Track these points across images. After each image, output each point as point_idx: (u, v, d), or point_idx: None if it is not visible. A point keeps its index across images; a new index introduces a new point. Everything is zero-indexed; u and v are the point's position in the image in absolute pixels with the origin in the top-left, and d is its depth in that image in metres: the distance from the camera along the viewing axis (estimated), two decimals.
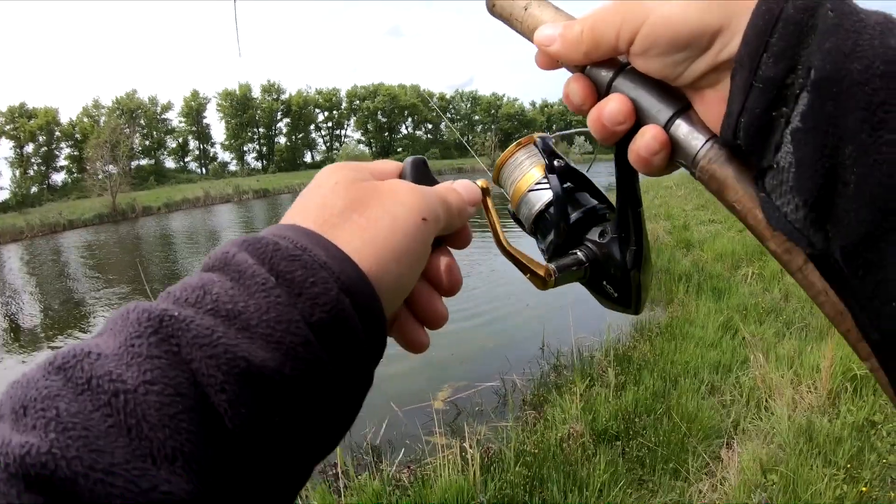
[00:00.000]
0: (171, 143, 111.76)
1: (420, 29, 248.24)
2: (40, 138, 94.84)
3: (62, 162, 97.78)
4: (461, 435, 6.31)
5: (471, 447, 5.82)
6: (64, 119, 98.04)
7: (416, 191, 0.66)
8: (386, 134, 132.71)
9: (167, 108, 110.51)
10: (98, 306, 17.85)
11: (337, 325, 0.51)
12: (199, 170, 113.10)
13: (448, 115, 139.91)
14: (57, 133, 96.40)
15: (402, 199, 0.63)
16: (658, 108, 0.63)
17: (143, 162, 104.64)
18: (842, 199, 0.48)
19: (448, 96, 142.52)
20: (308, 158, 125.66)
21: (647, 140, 0.62)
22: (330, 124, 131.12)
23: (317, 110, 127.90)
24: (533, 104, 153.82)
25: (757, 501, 5.14)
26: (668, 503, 5.42)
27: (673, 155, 0.63)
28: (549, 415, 7.28)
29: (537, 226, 0.97)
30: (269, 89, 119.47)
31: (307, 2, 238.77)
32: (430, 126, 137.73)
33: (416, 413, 8.04)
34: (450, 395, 9.08)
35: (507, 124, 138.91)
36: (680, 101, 0.62)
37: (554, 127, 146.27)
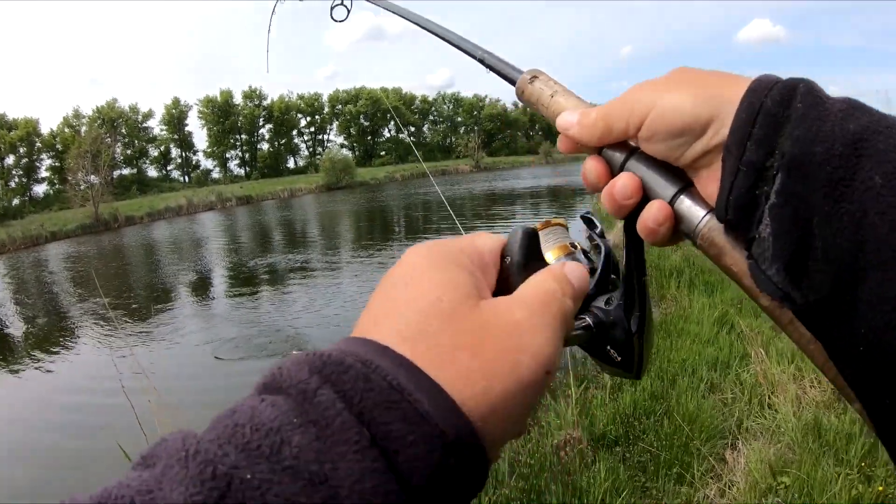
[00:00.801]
0: (153, 152, 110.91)
1: (401, 31, 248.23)
2: (21, 150, 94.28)
3: (44, 173, 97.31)
4: None
5: None
6: (45, 129, 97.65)
7: (541, 333, 0.55)
8: (369, 138, 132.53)
9: (148, 116, 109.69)
10: (81, 319, 17.59)
11: (436, 491, 0.44)
12: (181, 178, 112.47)
13: (431, 117, 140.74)
14: (38, 144, 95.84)
15: (525, 343, 0.53)
16: (663, 186, 0.69)
17: (126, 171, 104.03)
18: (812, 262, 0.55)
19: (430, 98, 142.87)
20: (291, 164, 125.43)
21: (653, 213, 0.67)
22: (312, 129, 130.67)
23: (299, 115, 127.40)
24: (515, 105, 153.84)
25: None
26: None
27: (676, 226, 0.68)
28: (543, 421, 6.99)
29: None
30: (251, 95, 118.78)
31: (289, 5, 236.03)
32: (412, 129, 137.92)
33: None
34: None
35: (489, 125, 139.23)
36: (682, 180, 0.68)
37: (537, 126, 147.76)
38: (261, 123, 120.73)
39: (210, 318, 15.09)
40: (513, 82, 0.93)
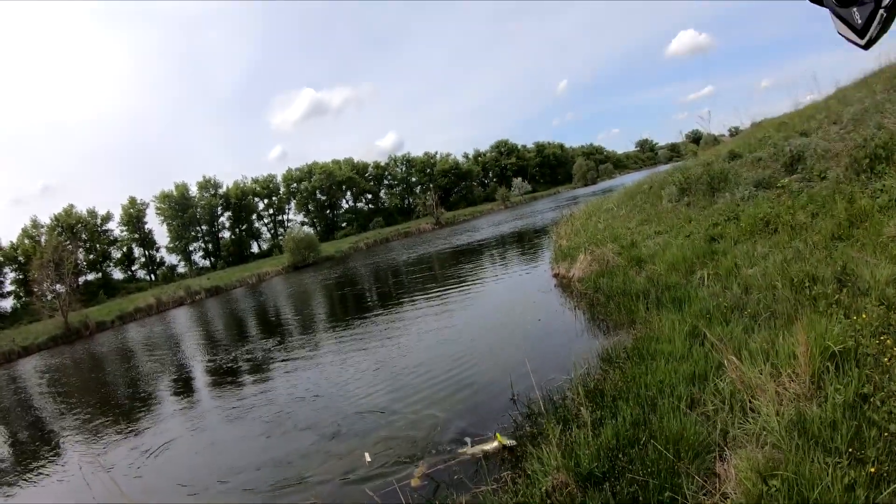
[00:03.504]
0: (116, 254, 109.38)
1: (342, 103, 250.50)
2: None
3: (8, 287, 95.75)
4: None
5: None
6: (4, 243, 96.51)
7: None
8: (328, 211, 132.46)
9: (107, 218, 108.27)
10: (64, 433, 17.01)
11: None
12: (147, 276, 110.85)
13: (386, 181, 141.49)
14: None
15: None
16: None
17: (91, 277, 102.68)
18: None
19: (382, 163, 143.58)
20: (255, 248, 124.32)
21: None
22: (271, 211, 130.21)
23: (256, 199, 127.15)
24: (466, 156, 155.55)
25: None
26: None
27: None
28: (529, 470, 6.95)
29: None
30: (206, 185, 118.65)
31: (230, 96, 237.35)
32: (369, 196, 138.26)
33: (392, 496, 7.87)
34: (427, 470, 8.74)
35: (444, 180, 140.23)
36: None
37: (490, 173, 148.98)
38: (219, 212, 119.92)
39: (194, 426, 14.50)
40: None
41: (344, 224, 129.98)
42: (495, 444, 8.53)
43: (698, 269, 13.15)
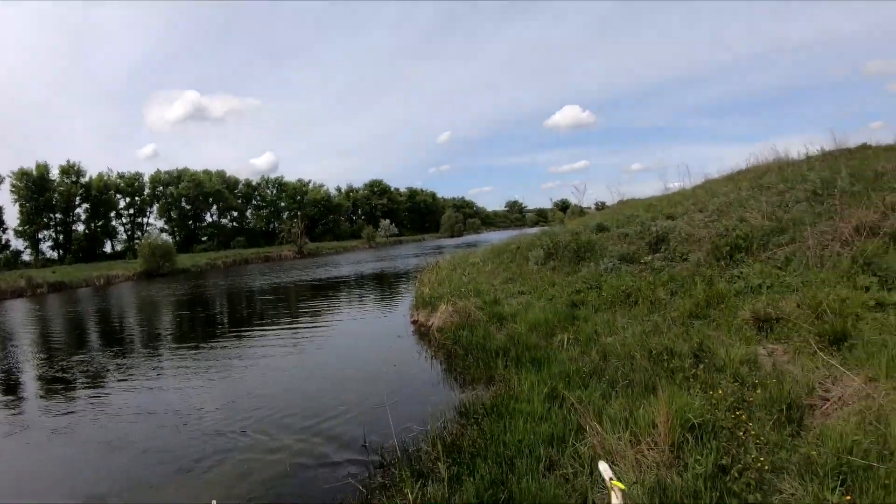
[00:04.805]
0: None
1: (225, 113, 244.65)
2: None
3: None
4: None
5: None
6: None
7: None
8: (190, 222, 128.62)
9: None
10: None
11: None
12: None
13: (254, 201, 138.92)
14: None
15: None
16: None
17: None
18: None
19: (254, 182, 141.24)
20: (108, 248, 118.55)
21: None
22: (132, 211, 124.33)
23: (118, 196, 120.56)
24: (339, 189, 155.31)
25: None
26: None
27: None
28: None
29: None
30: (69, 171, 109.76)
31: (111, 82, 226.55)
32: (235, 213, 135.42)
33: None
34: None
35: (313, 210, 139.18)
36: None
37: (360, 211, 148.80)
38: (77, 202, 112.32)
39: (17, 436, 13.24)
40: None
41: (205, 238, 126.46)
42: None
43: (559, 332, 13.33)
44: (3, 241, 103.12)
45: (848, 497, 5.32)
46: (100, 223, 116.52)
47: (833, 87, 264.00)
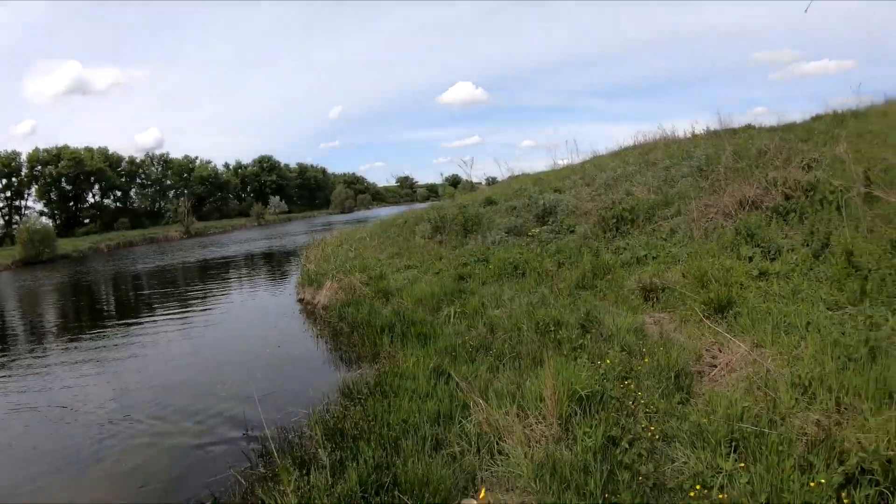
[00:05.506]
0: None
1: (109, 86, 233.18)
2: None
3: None
4: None
5: None
6: None
7: None
8: (71, 203, 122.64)
9: None
10: None
11: None
12: None
13: (139, 180, 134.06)
14: None
15: None
16: None
17: None
18: None
19: (138, 160, 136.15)
20: None
21: None
22: (9, 193, 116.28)
23: None
24: (227, 166, 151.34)
25: None
26: None
27: None
28: None
29: None
30: None
31: None
32: (118, 193, 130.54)
33: None
34: None
35: (200, 188, 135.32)
36: None
37: (248, 188, 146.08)
38: None
39: None
40: None
41: (87, 220, 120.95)
42: None
43: (445, 306, 13.12)
44: None
45: (742, 464, 5.22)
46: None
47: (721, 74, 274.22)
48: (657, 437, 5.97)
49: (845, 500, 4.56)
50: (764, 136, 21.01)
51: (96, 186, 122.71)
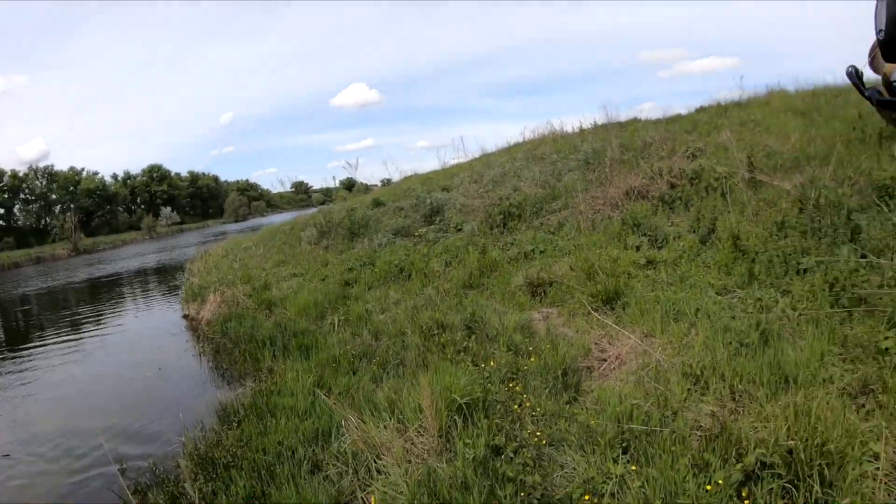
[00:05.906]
0: None
1: None
2: None
3: None
4: None
5: None
6: None
7: None
8: None
9: None
10: None
11: None
12: None
13: (23, 195, 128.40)
14: None
15: None
16: None
17: None
18: None
19: (21, 174, 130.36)
20: None
21: None
22: None
23: None
24: (115, 177, 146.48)
25: None
26: None
27: None
28: None
29: None
30: None
31: None
32: (1, 211, 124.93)
33: None
34: None
35: (87, 201, 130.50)
36: None
37: (139, 200, 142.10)
38: None
39: None
40: None
41: None
42: None
43: (330, 314, 12.66)
44: None
45: (634, 467, 4.94)
46: None
47: (610, 73, 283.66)
48: (544, 442, 5.63)
49: (746, 501, 4.30)
50: (650, 128, 21.39)
51: None
